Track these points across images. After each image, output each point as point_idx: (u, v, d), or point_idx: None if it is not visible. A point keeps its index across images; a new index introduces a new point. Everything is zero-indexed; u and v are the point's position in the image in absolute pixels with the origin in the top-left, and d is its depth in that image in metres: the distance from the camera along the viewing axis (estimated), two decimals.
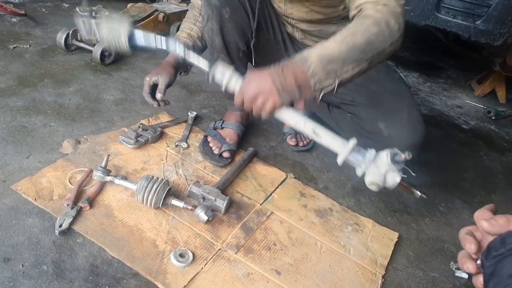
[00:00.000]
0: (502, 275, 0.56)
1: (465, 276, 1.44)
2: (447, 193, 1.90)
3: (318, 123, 1.17)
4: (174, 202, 1.34)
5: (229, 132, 1.75)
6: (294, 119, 1.18)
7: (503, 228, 0.61)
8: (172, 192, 1.41)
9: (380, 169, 1.12)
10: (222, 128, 1.77)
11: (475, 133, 2.60)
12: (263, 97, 1.13)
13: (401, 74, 1.69)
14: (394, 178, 1.12)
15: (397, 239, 1.52)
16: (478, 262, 0.64)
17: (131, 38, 1.25)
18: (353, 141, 1.15)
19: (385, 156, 1.12)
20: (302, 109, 1.95)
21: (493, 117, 2.86)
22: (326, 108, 1.80)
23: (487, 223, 0.62)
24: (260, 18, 1.54)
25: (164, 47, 1.27)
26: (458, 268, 1.45)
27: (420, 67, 3.59)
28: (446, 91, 3.20)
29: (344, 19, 1.49)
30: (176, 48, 1.26)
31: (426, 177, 1.47)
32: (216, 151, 1.68)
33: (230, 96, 1.70)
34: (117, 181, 1.38)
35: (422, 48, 4.05)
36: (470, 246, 0.64)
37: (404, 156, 1.11)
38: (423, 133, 1.54)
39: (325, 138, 1.17)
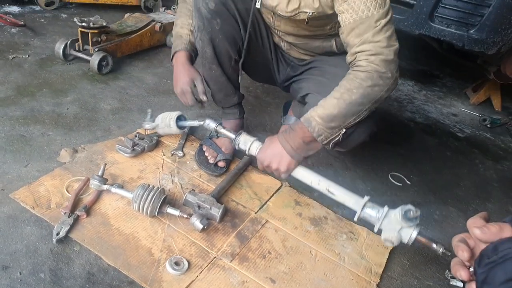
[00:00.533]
0: (494, 283, 0.57)
1: (461, 284, 1.45)
2: (442, 201, 1.91)
3: (332, 181, 1.33)
4: (170, 210, 1.36)
5: (225, 142, 1.77)
6: (309, 178, 1.35)
7: (495, 235, 0.61)
8: (167, 200, 1.42)
9: (394, 225, 1.17)
10: (218, 137, 1.79)
11: (471, 141, 2.62)
12: (276, 162, 1.33)
13: None
14: (409, 235, 1.15)
15: (391, 248, 1.52)
16: (471, 269, 0.65)
17: (177, 122, 1.66)
18: (366, 198, 1.26)
19: (397, 213, 1.17)
20: (293, 116, 1.97)
21: (488, 125, 2.88)
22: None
23: (479, 231, 0.63)
24: (250, 28, 1.56)
25: (202, 123, 1.57)
26: (453, 277, 1.46)
27: (415, 75, 3.61)
28: (441, 99, 3.22)
29: (330, 36, 1.52)
30: (211, 124, 1.53)
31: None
32: (211, 161, 1.70)
33: (223, 105, 1.77)
34: (113, 189, 1.39)
35: (417, 56, 4.08)
36: (462, 254, 0.65)
37: (417, 212, 1.15)
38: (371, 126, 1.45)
39: (339, 195, 1.31)
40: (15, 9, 2.97)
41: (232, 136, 1.46)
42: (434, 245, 1.16)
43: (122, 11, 3.09)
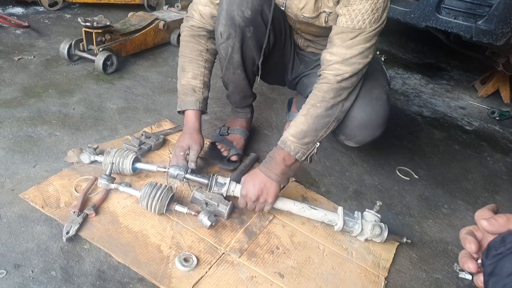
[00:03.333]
0: (502, 274, 0.56)
1: (469, 277, 1.44)
2: (450, 194, 1.90)
3: (308, 204, 1.47)
4: (178, 208, 1.37)
5: (235, 137, 1.78)
6: (290, 205, 1.45)
7: (503, 227, 0.61)
8: (175, 198, 1.43)
9: (370, 222, 1.44)
10: (228, 134, 1.80)
11: (479, 134, 2.60)
12: (264, 193, 1.37)
13: (386, 72, 1.71)
14: (383, 232, 1.43)
15: (398, 243, 1.52)
16: (479, 261, 0.64)
17: (134, 163, 1.49)
18: (340, 209, 1.47)
19: (367, 213, 1.46)
20: (296, 112, 1.97)
21: (497, 118, 2.85)
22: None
23: (487, 223, 0.62)
24: (276, 32, 1.55)
25: (164, 170, 1.50)
26: (462, 270, 1.45)
27: (422, 68, 3.59)
28: (449, 93, 3.20)
29: None
30: (178, 172, 1.46)
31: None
32: (225, 154, 1.71)
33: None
34: (121, 188, 1.40)
35: (423, 49, 4.05)
36: (470, 246, 0.64)
37: (378, 205, 1.45)
38: (381, 112, 1.49)
39: (320, 211, 1.45)
40: (19, 10, 2.99)
41: (205, 180, 1.45)
42: (401, 237, 1.48)
43: (126, 10, 3.11)
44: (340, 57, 1.30)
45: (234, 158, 1.71)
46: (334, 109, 1.36)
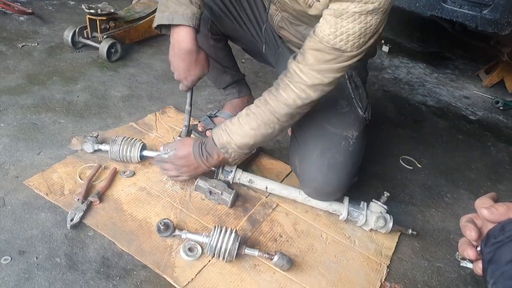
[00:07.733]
0: (500, 262, 0.56)
1: (471, 266, 1.44)
2: (453, 184, 1.90)
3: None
4: (248, 251, 1.24)
5: (220, 121, 1.78)
6: (296, 194, 1.49)
7: (503, 216, 0.61)
8: (241, 239, 1.26)
9: (375, 213, 1.44)
10: (216, 116, 1.81)
11: (483, 124, 2.59)
12: (191, 168, 1.39)
13: (361, 111, 1.50)
14: (388, 224, 1.44)
15: (400, 232, 1.52)
16: (479, 249, 0.64)
17: (142, 151, 1.51)
18: (346, 199, 1.47)
19: (374, 204, 1.46)
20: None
21: (501, 107, 2.84)
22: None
23: (487, 211, 0.62)
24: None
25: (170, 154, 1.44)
26: (463, 258, 1.46)
27: (427, 57, 3.56)
28: (453, 82, 3.18)
29: None
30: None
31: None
32: (200, 129, 1.73)
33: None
34: (184, 235, 1.26)
35: (428, 38, 4.01)
36: (470, 233, 0.65)
37: (385, 195, 1.45)
38: (334, 181, 1.38)
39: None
40: None
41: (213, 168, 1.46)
42: (406, 228, 1.48)
43: None
44: (310, 81, 1.16)
45: (208, 133, 1.70)
46: (284, 126, 1.29)
